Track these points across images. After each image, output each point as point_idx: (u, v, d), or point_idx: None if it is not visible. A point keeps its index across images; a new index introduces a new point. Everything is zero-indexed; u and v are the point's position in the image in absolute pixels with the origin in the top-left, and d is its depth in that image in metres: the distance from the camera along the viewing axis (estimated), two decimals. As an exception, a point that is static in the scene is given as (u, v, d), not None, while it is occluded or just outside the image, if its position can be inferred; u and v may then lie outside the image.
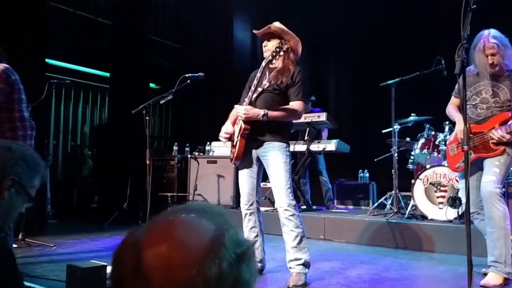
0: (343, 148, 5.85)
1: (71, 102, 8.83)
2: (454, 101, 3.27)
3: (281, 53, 2.97)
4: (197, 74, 3.47)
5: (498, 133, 2.90)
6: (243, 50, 8.48)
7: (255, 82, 3.05)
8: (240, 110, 2.99)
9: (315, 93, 6.31)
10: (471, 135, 2.96)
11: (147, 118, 3.31)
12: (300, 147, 5.71)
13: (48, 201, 6.10)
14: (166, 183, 6.45)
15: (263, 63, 3.03)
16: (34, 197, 1.39)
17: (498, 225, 2.85)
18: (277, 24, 3.09)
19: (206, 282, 0.59)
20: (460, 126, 2.98)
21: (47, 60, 5.99)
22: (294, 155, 5.64)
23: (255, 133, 3.04)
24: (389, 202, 5.09)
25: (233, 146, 3.13)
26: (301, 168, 5.81)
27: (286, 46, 2.98)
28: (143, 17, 7.13)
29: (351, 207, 6.47)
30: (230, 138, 3.19)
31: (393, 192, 4.92)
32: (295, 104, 3.05)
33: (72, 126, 8.90)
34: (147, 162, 3.36)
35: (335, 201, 6.54)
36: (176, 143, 6.82)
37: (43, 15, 5.54)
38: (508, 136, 2.89)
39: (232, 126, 3.20)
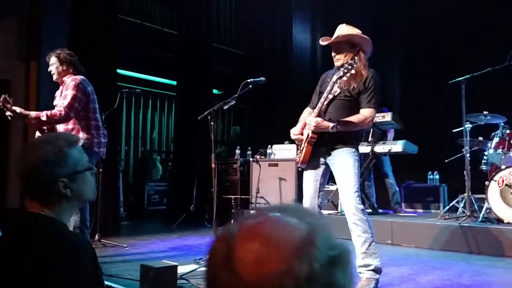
0: (411, 149, 5.64)
1: (141, 109, 9.29)
2: None
3: (355, 65, 2.86)
4: (258, 79, 3.50)
5: None
6: (303, 53, 8.45)
7: (328, 88, 2.96)
8: (311, 122, 2.95)
9: (379, 92, 6.14)
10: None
11: (212, 123, 3.39)
12: (364, 148, 5.58)
13: (121, 204, 6.46)
14: (229, 186, 6.58)
15: (334, 78, 2.92)
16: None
17: None
18: (344, 31, 3.00)
19: (295, 279, 0.58)
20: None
21: (117, 70, 6.34)
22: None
23: (324, 141, 2.99)
24: (462, 205, 4.85)
25: (300, 151, 3.13)
26: (365, 171, 5.68)
27: (357, 58, 2.88)
28: (205, 25, 7.35)
29: (420, 210, 6.22)
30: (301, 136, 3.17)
31: (465, 194, 4.66)
32: (366, 112, 2.96)
33: (142, 132, 9.35)
34: (213, 165, 3.44)
35: (403, 204, 6.32)
36: (238, 147, 6.95)
37: (114, 27, 5.89)
38: None
39: (302, 129, 3.17)
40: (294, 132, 3.16)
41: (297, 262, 0.59)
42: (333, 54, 3.08)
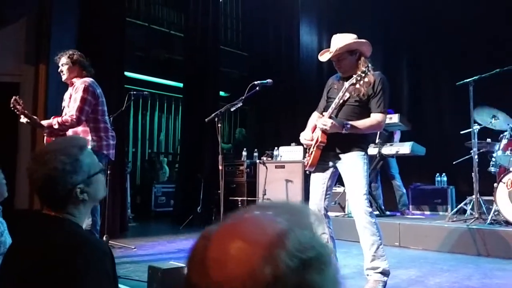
0: (419, 151, 5.61)
1: (148, 111, 9.33)
2: None
3: (369, 73, 2.88)
4: (265, 81, 3.49)
5: None
6: (309, 54, 8.44)
7: (340, 94, 2.97)
8: (326, 123, 2.93)
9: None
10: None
11: (219, 125, 3.39)
12: (371, 150, 5.56)
13: (128, 206, 6.49)
14: (236, 188, 6.59)
15: (347, 85, 2.93)
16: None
17: None
18: (340, 43, 3.00)
19: (256, 283, 0.57)
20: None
21: (125, 72, 6.38)
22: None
23: (333, 145, 2.99)
24: (470, 207, 4.81)
25: (309, 154, 3.12)
26: (372, 172, 5.66)
27: (364, 68, 2.90)
28: (212, 28, 7.37)
29: (427, 212, 6.19)
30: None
31: (473, 196, 4.64)
32: (377, 116, 2.96)
33: (149, 134, 9.39)
34: (220, 167, 3.43)
35: (410, 206, 6.28)
36: (244, 149, 6.95)
37: (121, 30, 5.93)
38: None
39: (311, 133, 3.16)
40: (305, 137, 3.16)
41: (261, 265, 0.57)
42: (335, 66, 3.10)
